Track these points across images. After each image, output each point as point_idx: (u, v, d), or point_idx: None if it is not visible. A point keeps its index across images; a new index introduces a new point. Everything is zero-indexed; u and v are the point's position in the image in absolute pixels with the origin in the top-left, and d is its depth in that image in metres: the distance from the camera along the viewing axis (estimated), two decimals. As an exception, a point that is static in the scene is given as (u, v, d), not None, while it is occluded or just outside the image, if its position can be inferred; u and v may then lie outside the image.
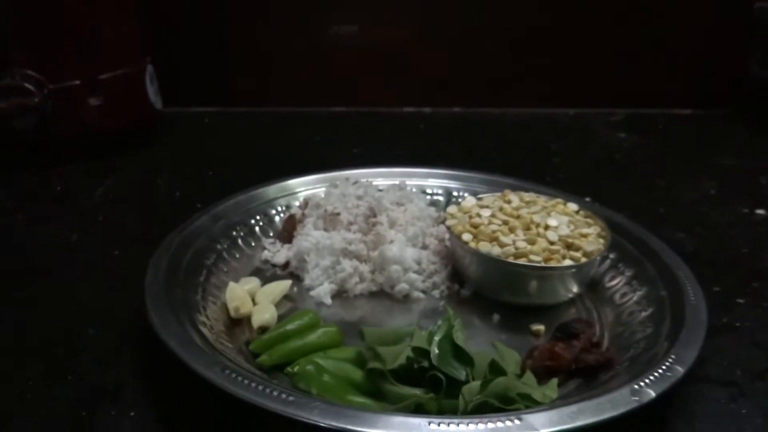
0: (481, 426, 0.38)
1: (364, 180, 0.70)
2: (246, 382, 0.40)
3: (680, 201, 0.82)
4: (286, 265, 0.62)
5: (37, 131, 0.81)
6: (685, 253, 0.69)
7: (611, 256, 0.62)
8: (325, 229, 0.62)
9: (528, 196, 0.64)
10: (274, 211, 0.68)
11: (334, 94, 1.11)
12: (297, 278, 0.61)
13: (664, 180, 0.88)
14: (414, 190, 0.72)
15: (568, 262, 0.56)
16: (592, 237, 0.59)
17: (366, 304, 0.59)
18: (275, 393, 0.40)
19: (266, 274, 0.62)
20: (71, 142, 0.85)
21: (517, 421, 0.38)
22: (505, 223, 0.59)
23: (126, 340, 0.52)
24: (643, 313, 0.54)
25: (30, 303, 0.57)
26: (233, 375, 0.41)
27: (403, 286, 0.59)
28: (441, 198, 0.73)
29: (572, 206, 0.64)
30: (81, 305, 0.57)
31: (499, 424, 0.38)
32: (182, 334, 0.45)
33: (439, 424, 0.38)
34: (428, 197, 0.72)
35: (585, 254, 0.58)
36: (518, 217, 0.60)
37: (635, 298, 0.57)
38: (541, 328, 0.55)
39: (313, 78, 1.10)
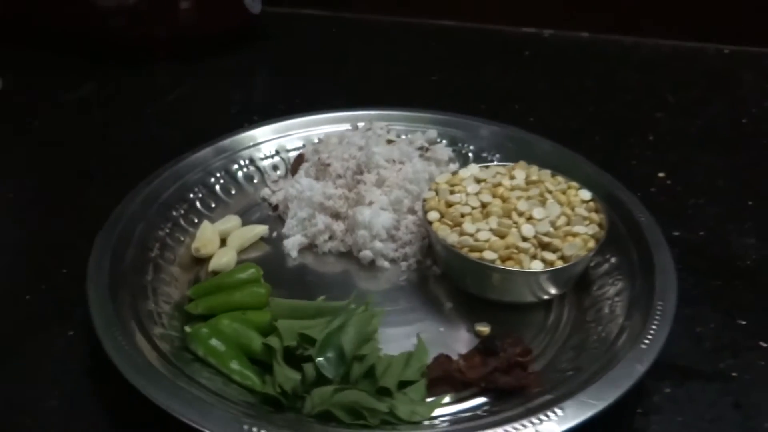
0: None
1: (382, 125, 0.66)
2: (120, 338, 0.44)
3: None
4: (277, 207, 0.63)
5: (130, 30, 0.88)
6: (736, 273, 0.57)
7: (612, 260, 0.54)
8: (317, 178, 0.61)
9: (538, 173, 0.56)
10: (289, 146, 0.68)
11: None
12: (283, 223, 0.62)
13: (786, 162, 0.71)
14: (444, 141, 0.67)
15: (536, 265, 0.50)
16: (580, 238, 0.51)
17: (335, 263, 0.58)
18: (139, 361, 0.42)
19: (264, 212, 0.63)
20: (162, 42, 0.90)
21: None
22: (484, 206, 0.53)
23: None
24: (604, 343, 0.47)
25: (48, 205, 0.66)
26: (116, 334, 0.44)
27: (366, 253, 0.56)
28: (471, 155, 0.67)
29: (585, 194, 0.55)
30: (91, 218, 0.63)
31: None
32: (105, 281, 0.48)
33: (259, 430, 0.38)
34: (453, 152, 0.66)
35: (562, 258, 0.50)
36: (506, 200, 0.54)
37: (611, 321, 0.49)
38: (485, 329, 0.51)
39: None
